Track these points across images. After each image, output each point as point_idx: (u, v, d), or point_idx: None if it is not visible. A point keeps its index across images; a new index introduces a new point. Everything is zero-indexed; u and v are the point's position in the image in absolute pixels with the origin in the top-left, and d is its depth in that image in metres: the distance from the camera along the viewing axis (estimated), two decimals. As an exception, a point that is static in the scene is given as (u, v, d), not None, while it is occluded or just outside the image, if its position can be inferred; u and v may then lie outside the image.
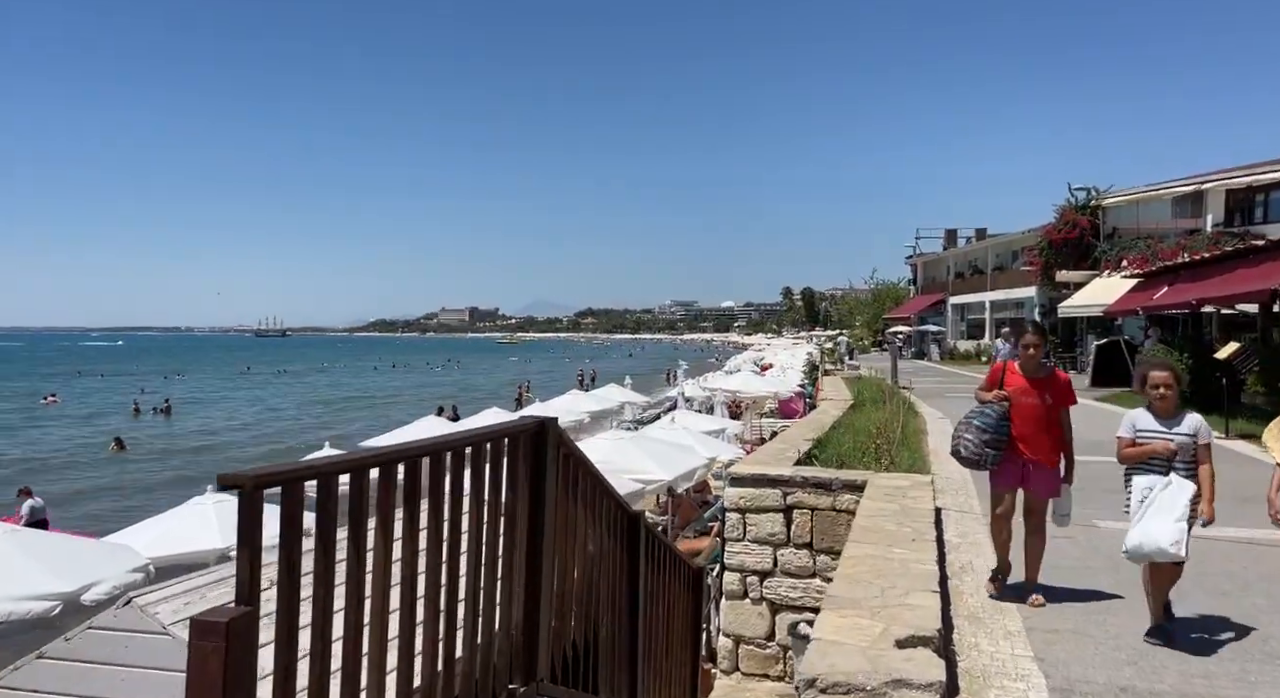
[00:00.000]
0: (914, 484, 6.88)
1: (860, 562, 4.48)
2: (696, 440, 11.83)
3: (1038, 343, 5.21)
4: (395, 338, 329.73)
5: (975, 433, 5.04)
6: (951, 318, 47.65)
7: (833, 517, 7.10)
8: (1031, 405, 5.04)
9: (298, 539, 2.04)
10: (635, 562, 4.67)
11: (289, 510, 2.02)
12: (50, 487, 21.22)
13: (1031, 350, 5.16)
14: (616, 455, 9.38)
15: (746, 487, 7.32)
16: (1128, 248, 28.15)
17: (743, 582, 7.31)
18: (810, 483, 7.15)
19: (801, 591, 7.15)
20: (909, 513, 5.80)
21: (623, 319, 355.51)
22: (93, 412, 45.19)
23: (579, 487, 3.82)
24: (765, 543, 7.24)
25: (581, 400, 20.70)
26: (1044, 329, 5.68)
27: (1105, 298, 25.39)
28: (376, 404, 49.25)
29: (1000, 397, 5.10)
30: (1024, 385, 5.08)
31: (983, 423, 5.04)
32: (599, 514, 4.14)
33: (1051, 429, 5.06)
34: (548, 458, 3.35)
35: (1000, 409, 5.04)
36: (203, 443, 32.92)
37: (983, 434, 5.00)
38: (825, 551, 7.10)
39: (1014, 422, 5.02)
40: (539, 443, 3.33)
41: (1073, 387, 5.32)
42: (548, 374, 70.64)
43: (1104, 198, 31.47)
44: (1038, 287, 35.29)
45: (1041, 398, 5.05)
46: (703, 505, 13.74)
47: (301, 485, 2.06)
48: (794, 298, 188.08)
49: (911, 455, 9.53)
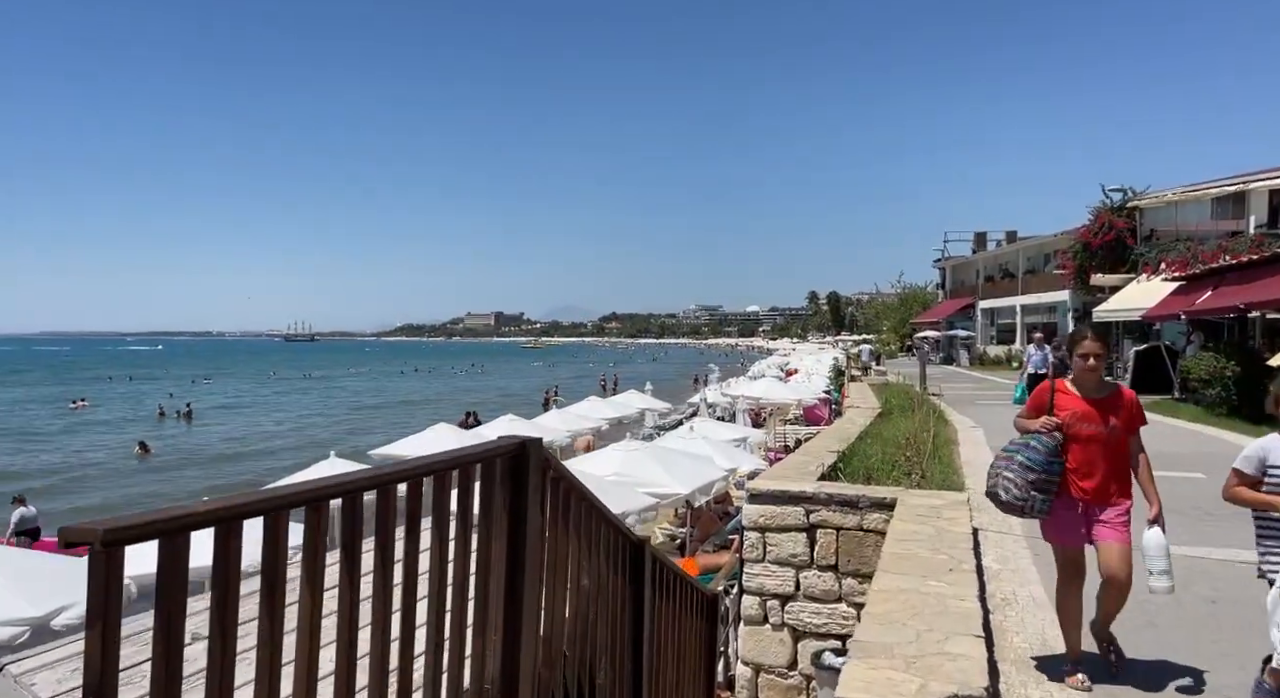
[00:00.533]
0: (949, 503, 6.36)
1: (892, 597, 3.99)
2: (716, 450, 11.34)
3: (1100, 352, 4.02)
4: (422, 342, 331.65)
5: (1018, 472, 3.93)
6: (981, 322, 46.70)
7: (860, 537, 6.60)
8: (1093, 435, 3.93)
9: (179, 601, 1.61)
10: (640, 595, 4.21)
11: (168, 564, 1.60)
12: (68, 498, 21.19)
13: (1092, 362, 3.98)
14: (630, 467, 8.92)
15: (766, 504, 6.83)
16: (1166, 250, 27.27)
17: (763, 606, 6.81)
18: (835, 500, 6.65)
19: (826, 616, 6.65)
20: (944, 537, 5.29)
21: (647, 324, 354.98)
22: (119, 416, 45.54)
23: (570, 514, 3.37)
24: (786, 565, 6.75)
25: (600, 407, 20.28)
26: (1105, 335, 4.25)
27: (1144, 302, 24.56)
28: (398, 410, 49.19)
29: (1051, 425, 3.99)
30: (1082, 409, 3.97)
31: (1029, 459, 3.93)
32: (595, 544, 3.69)
33: (1119, 462, 3.96)
34: (529, 484, 2.90)
35: (1051, 442, 3.95)
36: (220, 450, 32.82)
37: (1028, 473, 3.91)
38: (852, 573, 6.60)
39: (1069, 456, 3.95)
40: (518, 467, 2.88)
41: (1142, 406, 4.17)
42: (571, 379, 70.34)
43: (1141, 199, 30.53)
44: (1071, 290, 34.39)
45: (1105, 423, 3.93)
46: (724, 517, 13.23)
47: (185, 537, 1.63)
48: (820, 302, 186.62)
49: (944, 469, 8.99)
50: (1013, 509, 4.04)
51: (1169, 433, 13.72)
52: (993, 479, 4.07)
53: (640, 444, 9.73)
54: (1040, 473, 3.92)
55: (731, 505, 13.61)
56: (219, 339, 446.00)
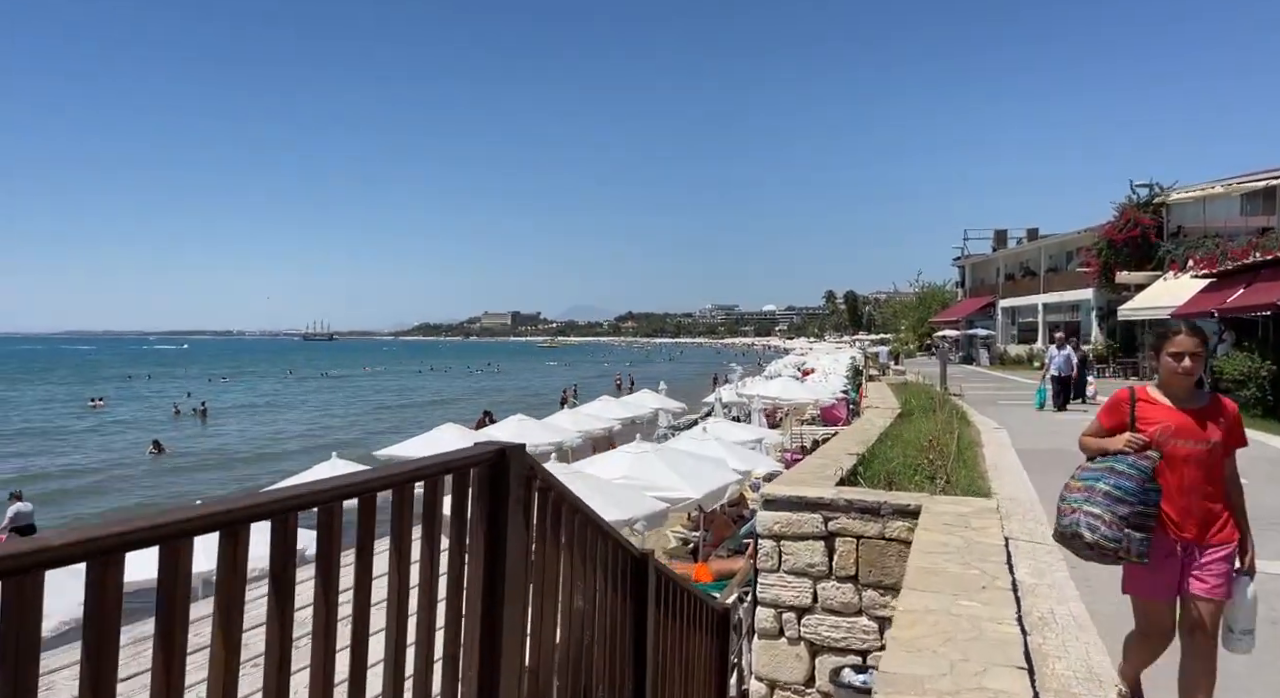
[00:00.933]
0: (977, 511, 5.95)
1: (920, 620, 3.61)
2: (729, 453, 10.95)
3: (1198, 350, 3.25)
4: (439, 342, 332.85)
5: (1107, 505, 3.14)
6: (1002, 321, 46.01)
7: (881, 546, 6.22)
8: (1190, 454, 3.18)
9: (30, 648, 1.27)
10: (642, 613, 3.84)
11: (95, 594, 1.29)
12: (82, 502, 21.08)
13: (1188, 362, 3.23)
14: (639, 470, 8.57)
15: (782, 510, 6.46)
16: (1194, 247, 26.61)
17: (778, 619, 6.45)
18: (855, 507, 6.26)
19: (845, 630, 6.27)
20: (974, 549, 4.90)
21: (663, 323, 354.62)
22: (136, 415, 45.70)
23: (560, 528, 3.02)
24: (803, 575, 6.38)
25: (612, 407, 19.92)
26: (1204, 332, 3.35)
27: (1170, 300, 23.98)
28: (413, 410, 49.07)
29: (1139, 443, 3.20)
30: (1176, 421, 3.22)
31: (1118, 487, 3.15)
32: (591, 560, 3.33)
33: (1219, 489, 3.22)
34: (510, 496, 2.55)
35: (1145, 464, 3.18)
36: (232, 450, 32.65)
37: (1118, 505, 3.13)
38: (873, 585, 6.22)
39: (1164, 482, 3.20)
40: (497, 476, 2.53)
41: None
42: (593, 378, 69.97)
43: (1168, 195, 29.84)
44: (1095, 289, 33.74)
45: (1204, 440, 3.19)
46: (738, 521, 12.86)
47: (39, 575, 1.28)
48: (837, 301, 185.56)
49: (969, 473, 8.57)
50: (1103, 554, 3.20)
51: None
52: (1069, 515, 3.27)
53: (650, 446, 9.37)
54: (1135, 504, 3.13)
55: (746, 509, 13.22)
56: (239, 339, 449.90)
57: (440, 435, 12.86)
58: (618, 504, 7.25)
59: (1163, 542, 3.21)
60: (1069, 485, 3.42)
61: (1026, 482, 8.85)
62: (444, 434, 12.94)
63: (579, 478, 7.64)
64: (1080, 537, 3.23)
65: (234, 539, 1.64)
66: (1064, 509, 3.36)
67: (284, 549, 1.77)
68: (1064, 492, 3.44)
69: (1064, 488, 3.46)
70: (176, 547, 1.51)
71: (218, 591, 1.63)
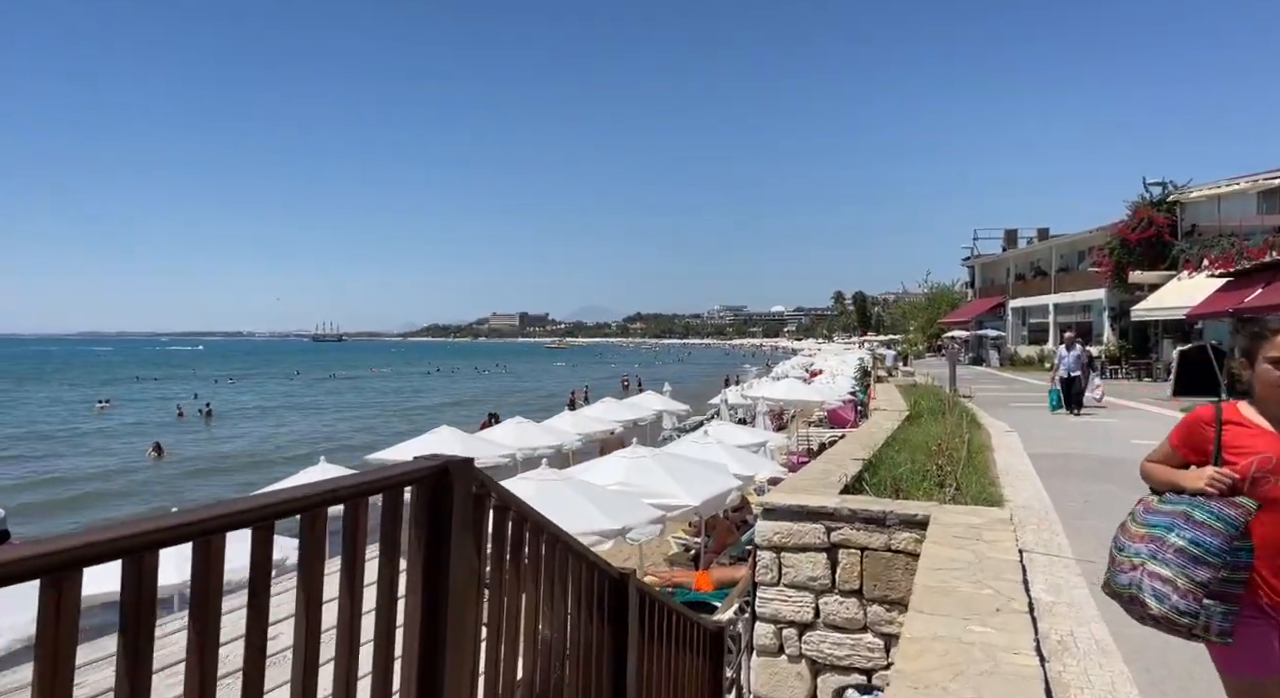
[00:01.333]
0: (989, 522, 5.59)
1: (927, 649, 3.25)
2: (732, 457, 10.60)
3: None
4: (447, 343, 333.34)
5: (1181, 567, 2.45)
6: (1012, 322, 45.54)
7: (888, 559, 5.86)
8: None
9: None
10: (622, 640, 3.51)
11: None
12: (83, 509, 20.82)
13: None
14: (636, 476, 8.23)
15: (782, 520, 6.11)
16: (1209, 246, 26.14)
17: (778, 635, 6.10)
18: (859, 517, 5.91)
19: (849, 648, 5.92)
20: (987, 565, 4.54)
21: (671, 324, 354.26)
22: (141, 417, 45.56)
23: (521, 552, 2.69)
24: (804, 589, 6.03)
25: (615, 408, 19.57)
26: None
27: (1185, 300, 23.55)
28: (418, 411, 48.78)
29: (1225, 483, 2.46)
30: (1277, 450, 2.46)
31: (1197, 543, 2.44)
32: (561, 584, 2.99)
33: None
34: (454, 520, 2.21)
35: (1236, 518, 2.42)
36: (232, 453, 32.25)
37: (1198, 568, 2.42)
38: (878, 600, 5.86)
39: (1259, 535, 2.45)
40: (439, 497, 2.20)
41: None
42: (605, 379, 69.52)
43: (1182, 193, 29.35)
44: (1107, 289, 33.31)
45: None
46: (742, 526, 12.50)
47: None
48: (845, 302, 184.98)
49: (980, 479, 8.20)
50: (1173, 627, 2.49)
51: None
52: (1127, 572, 2.58)
53: (647, 451, 9.03)
54: (1218, 568, 2.40)
55: (750, 514, 12.86)
56: (249, 340, 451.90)
57: (434, 439, 12.55)
58: (611, 513, 6.91)
59: (1256, 610, 2.48)
60: (1128, 531, 2.66)
61: (1040, 488, 8.49)
62: (438, 437, 12.63)
63: (571, 484, 7.30)
64: (1144, 605, 2.52)
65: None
66: (1121, 563, 2.62)
67: (137, 592, 1.44)
68: (1121, 537, 2.69)
69: (1120, 531, 2.71)
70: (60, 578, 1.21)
71: (125, 627, 1.33)
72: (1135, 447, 12.07)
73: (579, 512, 6.77)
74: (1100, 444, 12.25)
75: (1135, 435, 13.29)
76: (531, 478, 7.38)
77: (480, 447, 13.10)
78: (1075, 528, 6.67)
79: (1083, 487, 8.59)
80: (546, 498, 6.93)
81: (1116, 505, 7.75)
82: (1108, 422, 15.53)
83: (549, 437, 14.82)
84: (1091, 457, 10.90)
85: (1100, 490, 8.44)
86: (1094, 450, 11.57)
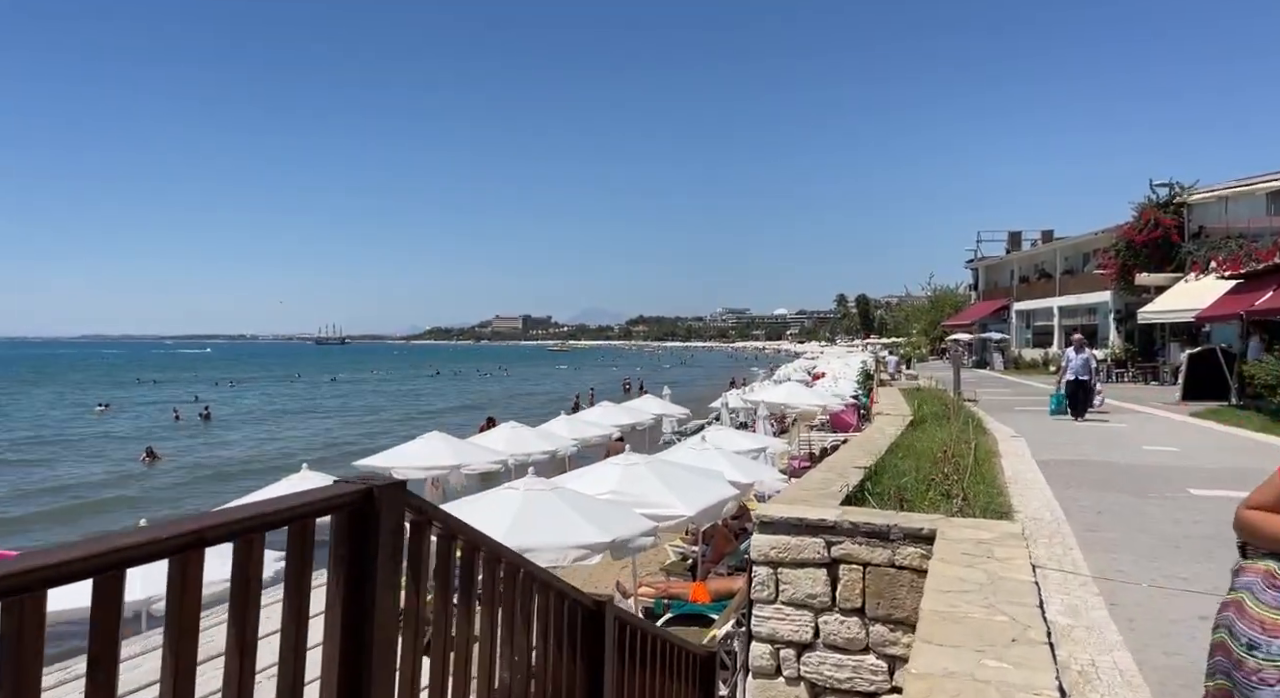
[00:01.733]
0: (1000, 537, 5.24)
1: (937, 689, 2.91)
2: (730, 464, 10.25)
3: None
4: (450, 346, 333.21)
5: None
6: (1016, 324, 45.16)
7: (892, 575, 5.51)
8: None
9: None
10: (598, 674, 3.16)
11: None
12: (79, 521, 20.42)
13: None
14: (629, 485, 7.88)
15: (779, 533, 5.76)
16: (1217, 248, 25.78)
17: (775, 656, 5.75)
18: (862, 531, 5.56)
19: (851, 670, 5.57)
20: (1000, 586, 4.19)
21: (674, 327, 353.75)
22: (139, 422, 45.27)
23: (471, 585, 2.35)
24: (803, 607, 5.68)
25: (613, 413, 19.20)
26: None
27: (1193, 302, 23.15)
28: (418, 415, 48.45)
29: None
30: None
31: None
32: (521, 617, 2.65)
33: None
34: (379, 552, 1.87)
35: None
36: (226, 460, 31.79)
37: None
38: (881, 619, 5.51)
39: None
40: (362, 527, 1.86)
41: None
42: (611, 383, 68.98)
43: (1189, 195, 28.98)
44: (1113, 291, 32.95)
45: None
46: (741, 534, 12.15)
47: None
48: (848, 305, 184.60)
49: (987, 488, 7.86)
50: None
51: (1241, 447, 12.43)
52: (1249, 676, 1.87)
53: (640, 458, 8.67)
54: None
55: (749, 522, 12.51)
56: (252, 342, 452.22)
57: (424, 445, 12.20)
58: (601, 524, 6.57)
59: None
60: (1241, 607, 1.95)
61: (1050, 498, 8.13)
62: (428, 443, 12.28)
63: (559, 493, 6.96)
64: None
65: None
66: (1263, 673, 1.85)
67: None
68: (1241, 624, 1.95)
69: (1233, 613, 2.00)
70: None
71: None
72: (1147, 453, 11.71)
73: (566, 523, 6.43)
74: (1112, 450, 11.88)
75: (1146, 441, 12.92)
76: (518, 487, 7.03)
77: (472, 452, 12.75)
78: (1090, 542, 6.31)
79: (1096, 495, 8.23)
80: (532, 508, 6.59)
81: (1133, 517, 7.45)
82: (1117, 427, 15.15)
83: (544, 442, 14.46)
84: (1104, 464, 10.53)
85: (1114, 500, 8.08)
86: (1106, 457, 11.20)
